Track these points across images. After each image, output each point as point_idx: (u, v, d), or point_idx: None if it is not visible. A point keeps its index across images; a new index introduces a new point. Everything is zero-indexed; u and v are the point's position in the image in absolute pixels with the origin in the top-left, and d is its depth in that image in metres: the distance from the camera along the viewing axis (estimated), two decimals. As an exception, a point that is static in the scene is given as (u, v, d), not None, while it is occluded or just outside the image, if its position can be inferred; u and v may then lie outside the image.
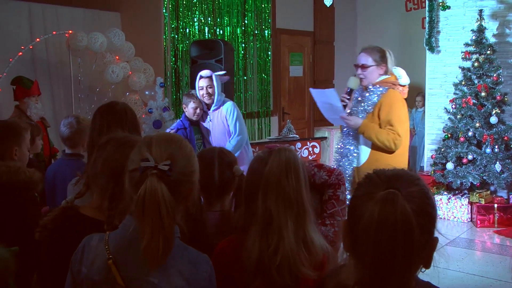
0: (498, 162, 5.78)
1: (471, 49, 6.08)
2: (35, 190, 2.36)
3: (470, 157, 5.88)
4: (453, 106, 6.19)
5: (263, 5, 7.80)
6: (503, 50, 6.25)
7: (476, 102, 5.97)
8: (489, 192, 5.95)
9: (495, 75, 5.92)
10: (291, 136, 6.72)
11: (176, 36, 6.68)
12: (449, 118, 6.27)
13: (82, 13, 6.26)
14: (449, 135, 6.18)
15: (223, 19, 7.24)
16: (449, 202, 6.02)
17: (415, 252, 1.07)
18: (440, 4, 6.65)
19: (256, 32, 7.75)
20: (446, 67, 6.69)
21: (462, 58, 6.19)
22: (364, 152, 3.56)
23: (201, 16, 6.94)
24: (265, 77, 7.99)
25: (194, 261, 1.41)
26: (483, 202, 5.80)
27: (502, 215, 5.71)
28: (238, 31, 7.47)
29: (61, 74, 5.95)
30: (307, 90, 8.89)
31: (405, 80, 3.59)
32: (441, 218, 5.97)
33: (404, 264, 1.07)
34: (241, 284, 1.64)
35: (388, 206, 1.06)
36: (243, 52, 7.55)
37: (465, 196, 6.03)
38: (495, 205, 5.74)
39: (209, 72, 4.48)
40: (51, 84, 5.92)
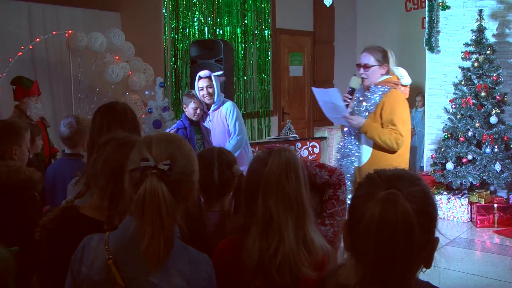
0: (498, 162, 5.78)
1: (471, 49, 6.08)
2: (35, 189, 2.36)
3: (470, 157, 5.88)
4: (453, 106, 6.19)
5: (263, 5, 7.79)
6: (503, 50, 6.25)
7: (476, 102, 5.97)
8: (489, 192, 5.95)
9: (495, 75, 5.92)
10: (291, 136, 6.72)
11: (176, 36, 6.68)
12: (449, 118, 6.26)
13: (82, 13, 6.25)
14: (449, 135, 6.17)
15: (223, 19, 7.23)
16: (449, 202, 6.02)
17: (416, 252, 1.07)
18: (440, 4, 6.65)
19: (256, 32, 7.75)
20: (446, 67, 6.69)
21: (462, 58, 6.18)
22: (365, 151, 3.56)
23: (201, 16, 6.94)
24: (264, 77, 7.98)
25: (194, 261, 1.41)
26: (483, 202, 5.80)
27: (502, 215, 5.71)
28: (238, 31, 7.46)
29: (61, 74, 5.94)
30: (306, 90, 8.89)
31: (407, 80, 3.59)
32: (441, 218, 5.96)
33: (404, 264, 1.07)
34: (241, 284, 1.64)
35: (389, 206, 1.06)
36: (243, 52, 7.55)
37: (465, 196, 6.03)
38: (495, 205, 5.74)
39: (207, 72, 4.48)
40: (51, 84, 5.91)
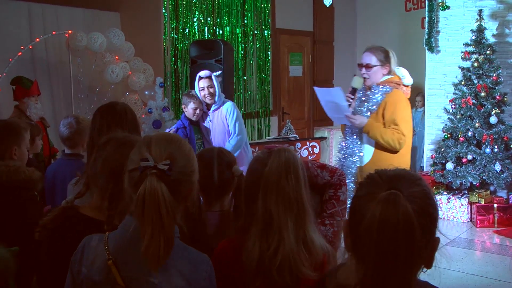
0: (497, 162, 5.78)
1: (471, 49, 6.08)
2: (35, 189, 2.36)
3: (470, 157, 5.88)
4: (453, 106, 6.19)
5: (262, 5, 7.79)
6: (502, 50, 6.25)
7: (475, 102, 5.97)
8: (488, 192, 5.95)
9: (494, 75, 5.92)
10: (290, 136, 6.72)
11: (176, 36, 6.68)
12: (448, 118, 6.26)
13: (81, 13, 6.25)
14: (449, 135, 6.18)
15: (222, 19, 7.23)
16: (448, 202, 6.02)
17: (417, 252, 1.07)
18: (440, 4, 6.65)
19: (256, 32, 7.75)
20: (445, 67, 6.69)
21: (461, 58, 6.18)
22: (367, 151, 3.56)
23: (200, 16, 6.93)
24: (264, 77, 7.98)
25: (194, 261, 1.41)
26: (482, 202, 5.80)
27: (502, 215, 5.71)
28: (238, 31, 7.46)
29: (60, 74, 5.94)
30: (306, 90, 8.89)
31: (408, 80, 3.60)
32: (440, 218, 5.93)
33: (405, 264, 1.07)
34: (241, 285, 1.63)
35: (389, 206, 1.06)
36: (242, 52, 7.55)
37: (464, 196, 6.03)
38: (495, 205, 5.74)
39: (208, 72, 4.48)
40: (51, 84, 5.91)
